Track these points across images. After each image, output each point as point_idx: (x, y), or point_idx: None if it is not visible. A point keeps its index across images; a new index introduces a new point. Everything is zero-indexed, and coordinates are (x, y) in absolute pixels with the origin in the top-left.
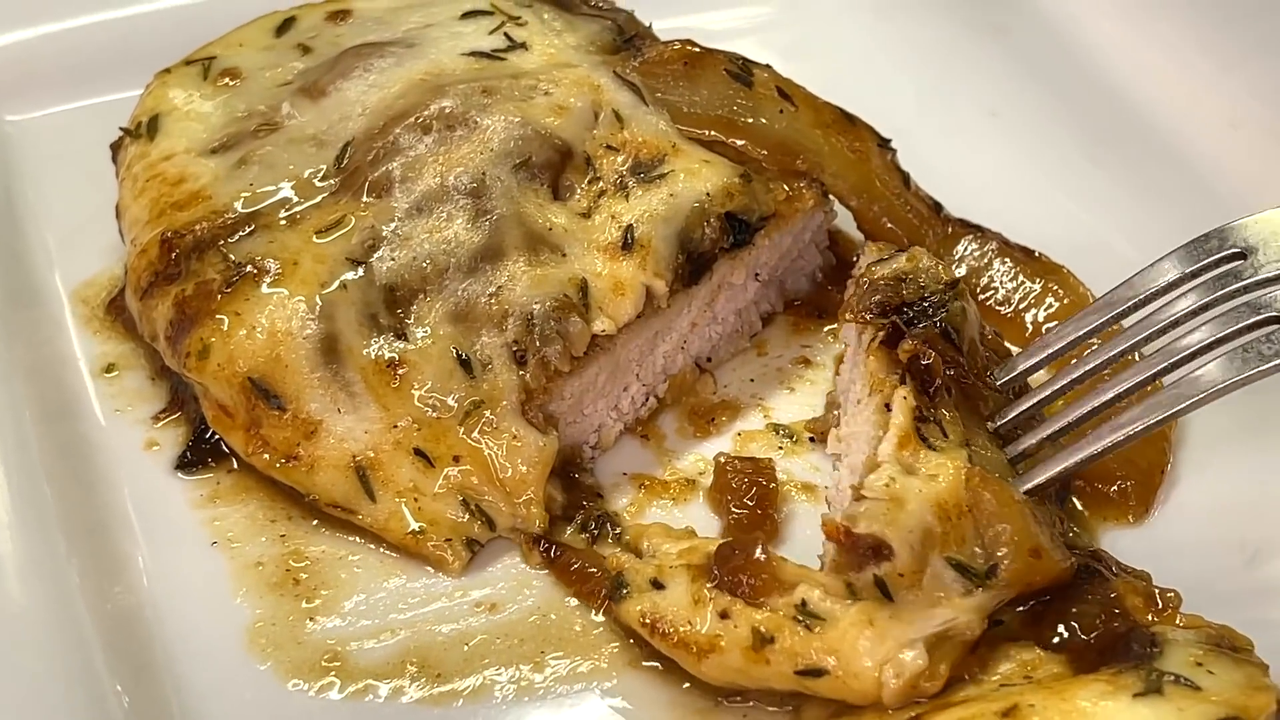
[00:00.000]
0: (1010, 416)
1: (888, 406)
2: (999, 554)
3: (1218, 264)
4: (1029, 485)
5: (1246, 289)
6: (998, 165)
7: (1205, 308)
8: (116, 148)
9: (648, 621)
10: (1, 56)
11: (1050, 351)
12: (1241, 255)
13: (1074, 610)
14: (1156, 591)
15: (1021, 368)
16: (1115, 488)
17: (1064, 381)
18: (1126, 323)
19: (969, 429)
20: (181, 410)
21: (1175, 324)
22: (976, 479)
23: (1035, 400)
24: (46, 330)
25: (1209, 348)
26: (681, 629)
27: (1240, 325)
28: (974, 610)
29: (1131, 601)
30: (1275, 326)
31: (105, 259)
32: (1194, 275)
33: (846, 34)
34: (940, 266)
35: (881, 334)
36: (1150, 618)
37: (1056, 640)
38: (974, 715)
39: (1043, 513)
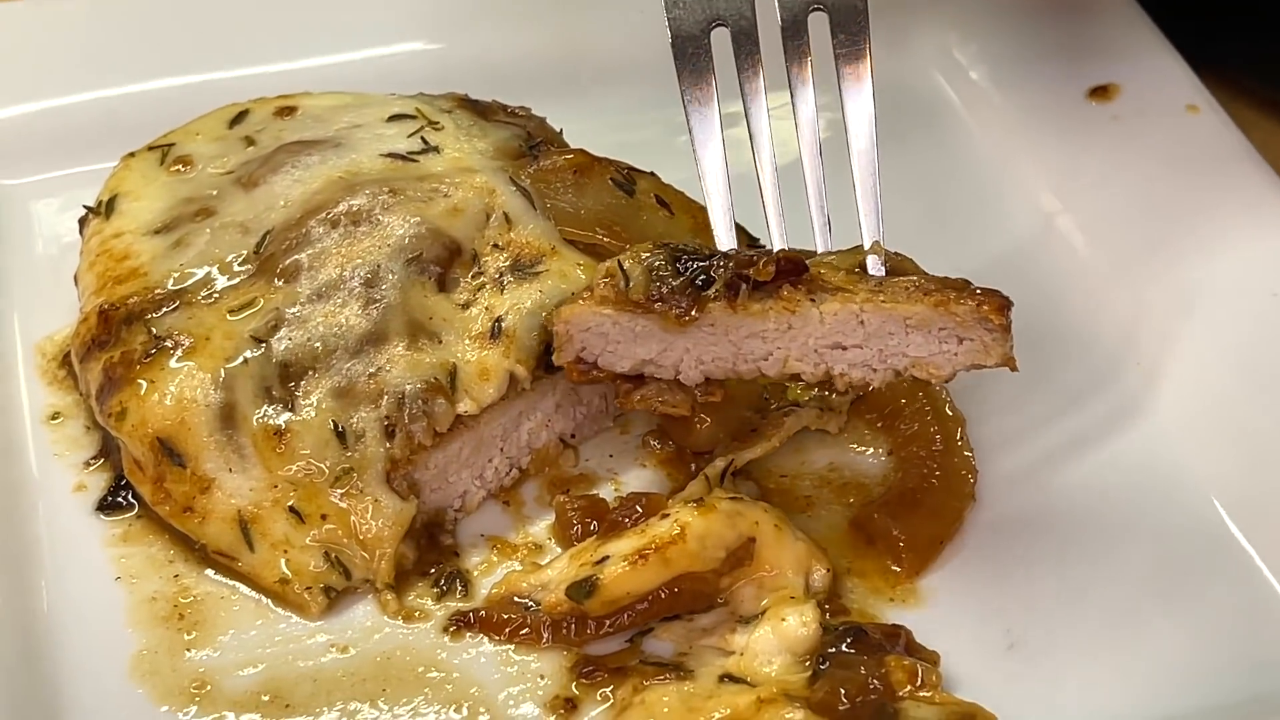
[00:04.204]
0: None
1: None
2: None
3: None
4: None
5: None
6: None
7: None
8: (83, 222)
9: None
10: (6, 127)
11: None
12: None
13: (847, 677)
14: (920, 669)
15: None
16: (891, 550)
17: None
18: None
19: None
20: (108, 459)
21: None
22: None
23: None
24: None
25: None
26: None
27: None
28: None
29: (896, 676)
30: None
31: (69, 318)
32: None
33: None
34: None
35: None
36: (909, 691)
37: (822, 701)
38: None
39: None
